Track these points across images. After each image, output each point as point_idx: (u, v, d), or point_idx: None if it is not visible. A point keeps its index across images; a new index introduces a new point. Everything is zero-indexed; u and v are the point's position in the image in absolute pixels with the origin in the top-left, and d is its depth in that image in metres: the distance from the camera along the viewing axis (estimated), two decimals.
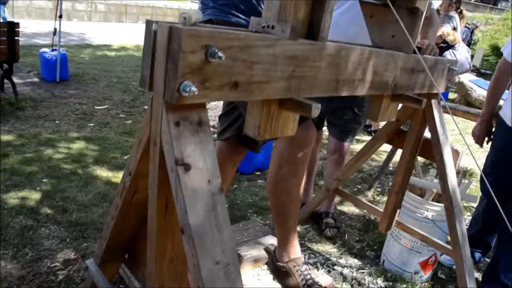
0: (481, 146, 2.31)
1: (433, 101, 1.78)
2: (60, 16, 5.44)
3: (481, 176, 2.35)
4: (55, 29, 5.56)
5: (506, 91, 2.31)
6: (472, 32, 11.68)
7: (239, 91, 0.90)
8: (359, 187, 3.45)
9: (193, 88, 0.80)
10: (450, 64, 1.74)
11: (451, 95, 8.67)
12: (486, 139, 2.29)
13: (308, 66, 1.02)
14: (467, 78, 7.81)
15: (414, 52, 1.47)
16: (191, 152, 0.89)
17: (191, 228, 0.85)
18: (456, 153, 1.97)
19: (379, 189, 3.40)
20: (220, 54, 0.80)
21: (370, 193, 3.26)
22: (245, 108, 1.10)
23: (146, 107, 4.87)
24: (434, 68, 1.62)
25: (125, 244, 1.44)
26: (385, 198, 3.11)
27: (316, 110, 1.01)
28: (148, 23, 0.87)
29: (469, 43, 11.41)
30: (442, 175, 1.79)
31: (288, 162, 1.62)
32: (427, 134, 1.85)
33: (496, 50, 14.72)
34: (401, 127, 2.01)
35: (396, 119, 1.87)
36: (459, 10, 5.76)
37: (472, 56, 11.17)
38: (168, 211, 1.03)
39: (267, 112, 1.06)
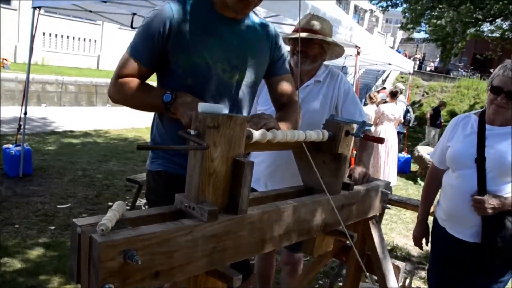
0: (421, 248, 2.41)
1: (370, 222, 1.88)
2: (25, 113, 5.52)
3: (427, 272, 2.42)
4: (20, 125, 5.62)
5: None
6: None
7: (161, 278, 0.97)
8: (321, 282, 3.47)
9: None
10: (383, 187, 1.87)
11: (414, 167, 8.98)
12: (424, 240, 2.39)
13: (229, 238, 1.09)
14: (425, 151, 8.16)
15: (347, 187, 1.59)
16: None
17: None
18: (397, 268, 2.06)
19: (340, 283, 3.42)
20: (137, 258, 0.87)
21: None
22: None
23: (110, 203, 4.86)
24: (367, 196, 1.73)
25: None
26: None
27: (237, 281, 1.08)
28: (74, 225, 0.94)
29: None
30: None
31: None
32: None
33: (453, 116, 15.37)
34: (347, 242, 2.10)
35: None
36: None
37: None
38: None
39: (194, 281, 1.12)
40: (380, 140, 1.50)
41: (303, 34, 2.08)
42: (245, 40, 1.59)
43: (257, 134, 1.16)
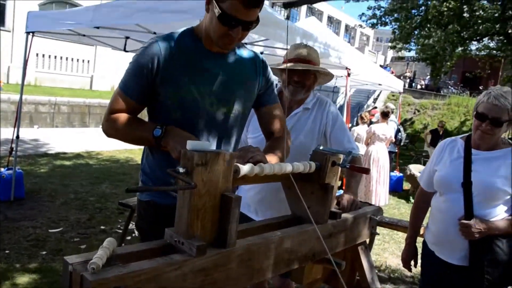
0: (409, 270, 2.43)
1: (359, 248, 1.91)
2: (17, 137, 5.54)
3: None
4: (11, 148, 5.62)
5: None
6: None
7: None
8: None
9: None
10: (371, 214, 1.90)
11: (406, 186, 9.04)
12: (413, 262, 2.42)
13: (218, 271, 1.12)
14: (417, 170, 8.22)
15: (333, 216, 1.62)
16: None
17: None
18: None
19: None
20: None
21: None
22: None
23: (102, 227, 4.85)
24: (355, 223, 1.77)
25: None
26: None
27: None
28: (65, 263, 0.96)
29: None
30: None
31: None
32: None
33: (445, 134, 15.57)
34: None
35: None
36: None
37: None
38: None
39: None
40: (366, 171, 1.54)
41: (299, 65, 2.13)
42: (232, 73, 1.64)
43: (244, 168, 1.19)
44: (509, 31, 12.70)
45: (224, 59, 1.63)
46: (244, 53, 1.73)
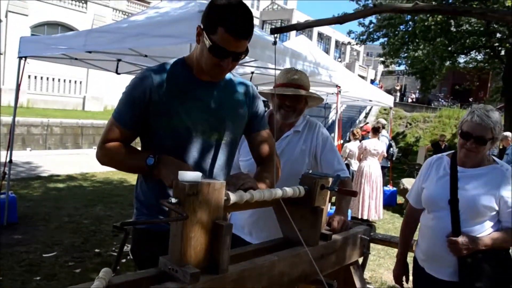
0: (401, 286, 2.46)
1: (351, 267, 1.94)
2: (10, 161, 5.54)
3: None
4: (4, 173, 5.61)
5: None
6: None
7: None
8: None
9: None
10: (362, 234, 1.94)
11: (400, 199, 9.08)
12: (404, 278, 2.45)
13: None
14: (410, 184, 8.28)
15: (324, 238, 1.66)
16: None
17: None
18: None
19: None
20: None
21: None
22: None
23: (97, 250, 4.83)
24: (346, 244, 1.80)
25: None
26: None
27: None
28: None
29: None
30: None
31: None
32: None
33: (438, 145, 15.62)
34: None
35: None
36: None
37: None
38: None
39: None
40: (353, 193, 1.58)
41: (291, 89, 2.19)
42: (223, 101, 1.69)
43: (234, 197, 1.23)
44: (495, 44, 12.96)
45: (215, 87, 1.68)
46: (234, 81, 1.79)
